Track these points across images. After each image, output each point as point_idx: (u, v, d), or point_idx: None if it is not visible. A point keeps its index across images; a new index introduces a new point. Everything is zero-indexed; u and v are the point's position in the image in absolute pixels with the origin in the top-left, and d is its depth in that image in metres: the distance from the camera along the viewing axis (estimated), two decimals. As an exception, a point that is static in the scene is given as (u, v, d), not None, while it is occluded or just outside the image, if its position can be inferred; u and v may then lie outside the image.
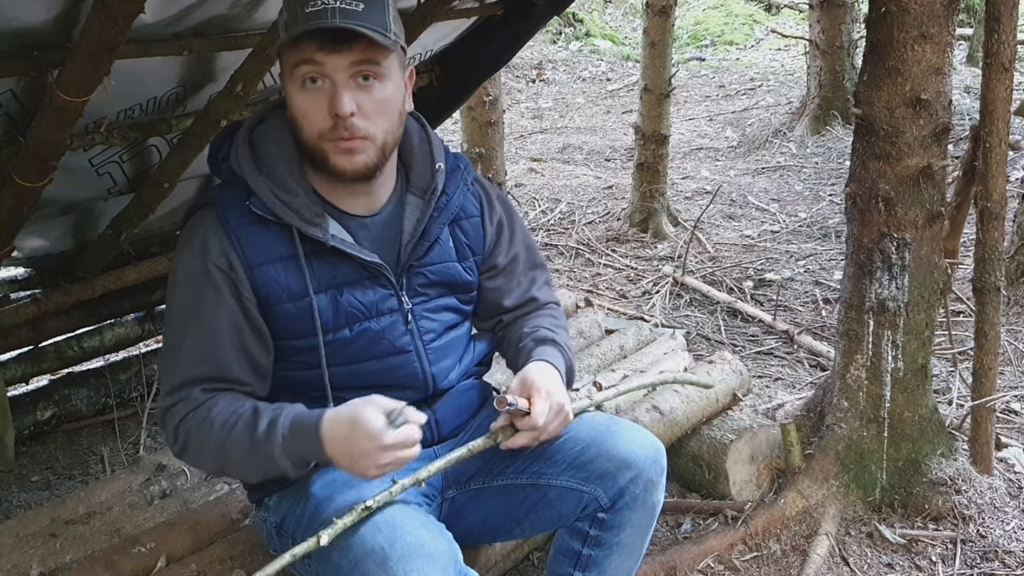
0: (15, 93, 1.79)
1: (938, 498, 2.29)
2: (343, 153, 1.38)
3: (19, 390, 3.01)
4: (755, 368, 3.42)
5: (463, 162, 1.61)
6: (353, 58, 1.33)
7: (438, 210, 1.53)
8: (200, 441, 1.39)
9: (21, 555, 1.71)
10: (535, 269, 1.72)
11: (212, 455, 1.41)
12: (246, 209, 1.41)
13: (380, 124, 1.39)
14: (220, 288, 1.40)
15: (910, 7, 2.11)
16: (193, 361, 1.41)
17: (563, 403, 1.47)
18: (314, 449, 1.34)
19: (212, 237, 1.41)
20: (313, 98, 1.35)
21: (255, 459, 1.37)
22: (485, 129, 4.66)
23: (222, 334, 1.41)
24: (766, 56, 10.96)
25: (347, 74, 1.34)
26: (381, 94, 1.37)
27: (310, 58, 1.32)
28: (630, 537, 1.56)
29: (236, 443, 1.36)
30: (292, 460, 1.36)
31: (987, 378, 2.38)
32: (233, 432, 1.36)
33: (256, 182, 1.42)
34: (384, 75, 1.37)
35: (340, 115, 1.34)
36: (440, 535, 1.35)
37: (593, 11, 12.73)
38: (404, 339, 1.51)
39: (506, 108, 5.58)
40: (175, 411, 1.41)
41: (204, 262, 1.40)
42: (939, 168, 2.23)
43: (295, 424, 1.35)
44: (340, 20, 1.29)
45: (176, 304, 1.45)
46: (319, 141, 1.38)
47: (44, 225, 2.47)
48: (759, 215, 5.51)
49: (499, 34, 2.78)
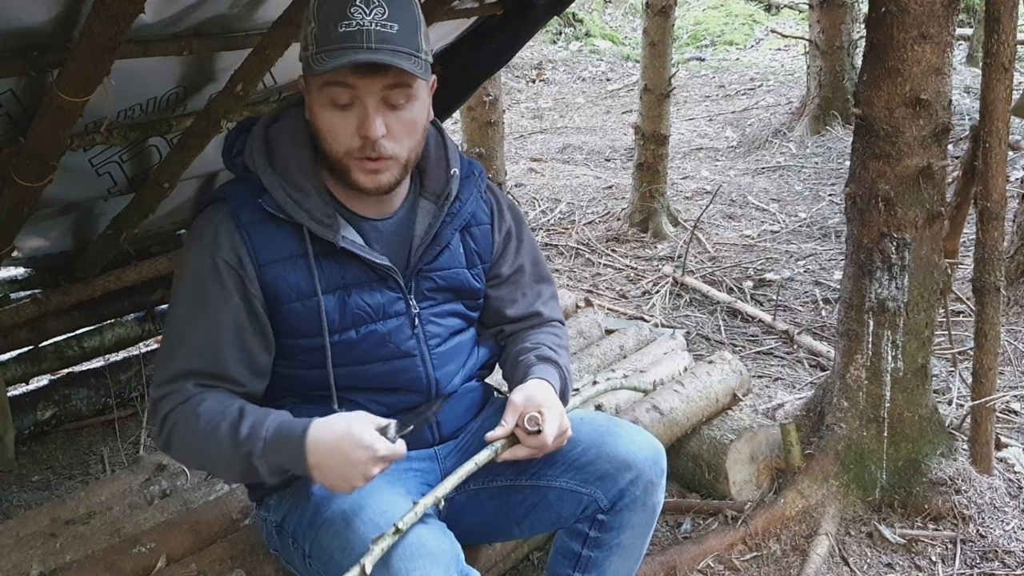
0: (15, 93, 1.79)
1: (938, 498, 2.29)
2: (368, 173, 1.38)
3: (19, 390, 3.01)
4: (755, 368, 3.42)
5: (477, 168, 1.61)
6: (387, 83, 1.33)
7: (450, 216, 1.53)
8: (184, 435, 1.38)
9: (21, 555, 1.71)
10: (541, 283, 1.71)
11: (195, 450, 1.40)
12: (258, 206, 1.41)
13: (406, 144, 1.39)
14: (227, 284, 1.40)
15: (910, 7, 2.11)
16: (191, 354, 1.41)
17: (568, 426, 1.49)
18: (295, 456, 1.33)
19: (223, 232, 1.41)
20: (342, 117, 1.35)
21: (235, 459, 1.35)
22: (485, 129, 4.66)
23: (224, 331, 1.40)
24: (766, 56, 10.96)
25: (378, 97, 1.33)
26: (409, 115, 1.38)
27: (343, 80, 1.32)
28: (630, 538, 1.56)
29: (218, 441, 1.35)
30: (270, 465, 1.34)
31: (987, 378, 2.38)
32: (217, 430, 1.35)
33: (269, 180, 1.42)
34: (414, 97, 1.37)
35: (370, 138, 1.34)
36: (442, 535, 1.35)
37: (593, 11, 12.73)
38: (410, 343, 1.51)
39: (506, 108, 5.59)
40: (165, 402, 1.40)
41: (213, 257, 1.40)
42: (939, 168, 2.23)
43: (280, 429, 1.34)
44: (376, 44, 1.28)
45: (181, 297, 1.44)
46: (344, 158, 1.38)
47: (44, 225, 2.48)
48: (759, 215, 5.51)
49: (499, 34, 2.78)
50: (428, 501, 1.35)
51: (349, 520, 1.36)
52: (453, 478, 1.40)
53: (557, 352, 1.62)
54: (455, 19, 2.63)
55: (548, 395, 1.48)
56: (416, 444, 1.57)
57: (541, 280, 1.71)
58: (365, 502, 1.38)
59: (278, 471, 1.36)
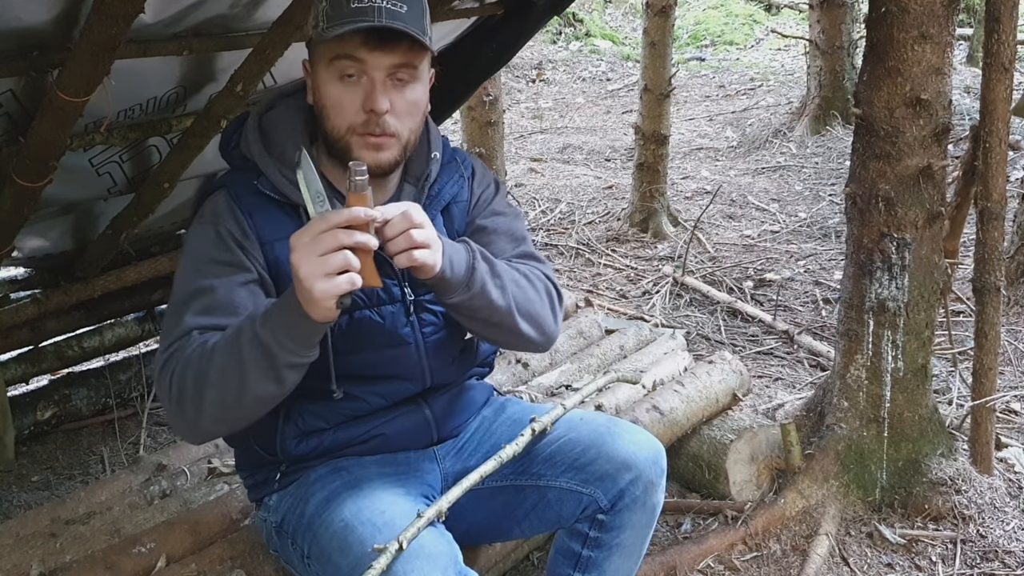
0: (15, 93, 1.79)
1: (938, 498, 2.29)
2: (370, 148, 1.38)
3: (19, 390, 3.01)
4: (755, 368, 3.42)
5: (461, 156, 1.61)
6: (395, 59, 1.34)
7: (430, 198, 1.53)
8: (187, 365, 1.28)
9: (21, 555, 1.71)
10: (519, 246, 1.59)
11: (198, 374, 1.27)
12: (255, 189, 1.42)
13: (407, 123, 1.40)
14: (234, 251, 1.39)
15: (910, 7, 2.11)
16: (200, 313, 1.34)
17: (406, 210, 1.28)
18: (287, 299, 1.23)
19: (225, 212, 1.41)
20: (348, 91, 1.36)
21: (239, 350, 1.24)
22: (485, 129, 4.66)
23: (234, 291, 1.36)
24: (766, 56, 10.96)
25: (386, 73, 1.35)
26: (413, 95, 1.39)
27: (353, 54, 1.33)
28: (630, 538, 1.56)
29: (224, 348, 1.26)
30: (272, 330, 1.23)
31: (987, 378, 2.38)
32: (223, 340, 1.27)
33: (265, 163, 1.43)
34: (418, 77, 1.39)
35: (376, 111, 1.35)
36: (440, 536, 1.35)
37: (593, 11, 12.73)
38: (405, 330, 1.50)
39: (506, 108, 5.59)
40: (170, 360, 1.31)
41: (216, 228, 1.40)
42: (939, 168, 2.23)
43: (275, 301, 1.28)
44: (387, 20, 1.30)
45: (186, 269, 1.40)
46: (347, 134, 1.38)
47: (44, 225, 2.47)
48: (759, 215, 5.51)
49: (499, 34, 2.78)
50: (431, 513, 1.34)
51: (347, 521, 1.36)
52: (456, 490, 1.40)
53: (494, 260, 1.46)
54: (455, 19, 2.63)
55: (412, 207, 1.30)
56: (415, 444, 1.57)
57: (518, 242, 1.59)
58: (364, 504, 1.38)
59: (285, 330, 1.24)
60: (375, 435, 1.52)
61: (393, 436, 1.54)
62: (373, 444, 1.53)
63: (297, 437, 1.50)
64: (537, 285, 1.52)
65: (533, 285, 1.51)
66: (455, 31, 2.75)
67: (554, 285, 1.58)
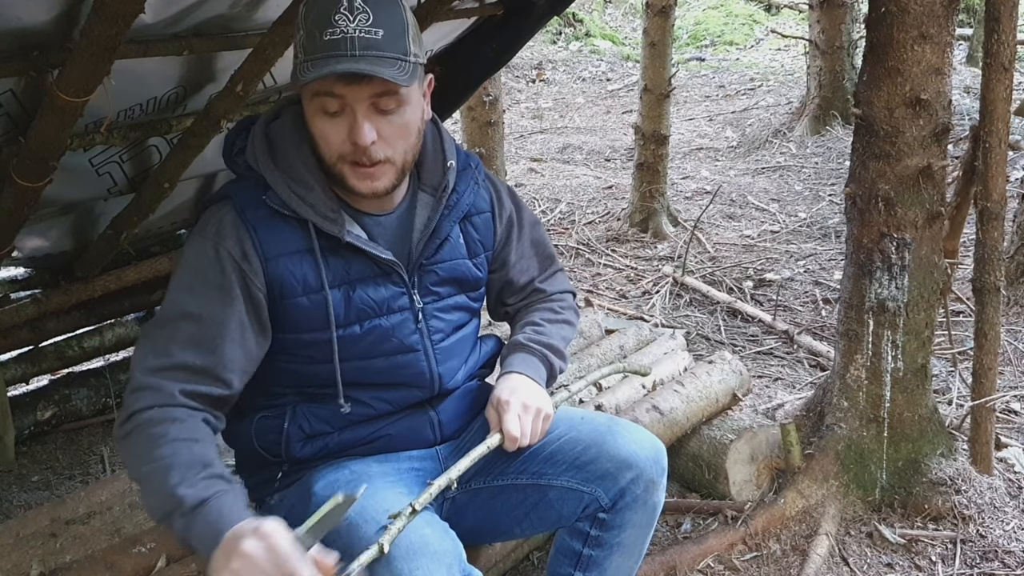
0: (15, 93, 1.79)
1: (938, 498, 2.29)
2: (363, 177, 1.39)
3: (19, 390, 3.01)
4: (755, 368, 3.42)
5: (474, 160, 1.61)
6: (373, 90, 1.32)
7: (448, 208, 1.53)
8: (141, 444, 1.29)
9: (21, 555, 1.71)
10: (544, 261, 1.74)
11: (141, 462, 1.28)
12: (262, 203, 1.41)
13: (400, 147, 1.39)
14: (229, 276, 1.37)
15: (910, 7, 2.11)
16: (187, 346, 1.33)
17: (532, 405, 1.50)
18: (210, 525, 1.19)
19: (229, 227, 1.40)
20: (332, 125, 1.35)
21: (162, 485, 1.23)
22: (485, 129, 4.66)
23: (225, 327, 1.36)
24: (766, 56, 10.97)
25: (367, 104, 1.33)
26: (401, 120, 1.37)
27: (331, 91, 1.32)
28: (630, 537, 1.56)
29: (164, 472, 1.24)
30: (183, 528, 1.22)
31: (987, 378, 2.38)
32: (163, 463, 1.25)
33: (272, 177, 1.42)
34: (404, 102, 1.36)
35: (360, 145, 1.34)
36: (444, 534, 1.35)
37: (593, 11, 12.74)
38: (413, 337, 1.51)
39: (506, 108, 5.59)
40: (143, 396, 1.32)
41: (216, 247, 1.38)
42: (939, 168, 2.23)
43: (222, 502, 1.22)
44: (360, 51, 1.28)
45: (179, 286, 1.39)
46: (338, 163, 1.38)
47: (44, 225, 2.47)
48: (759, 215, 5.51)
49: (499, 34, 2.78)
50: (441, 482, 1.35)
51: (351, 520, 1.36)
52: (466, 460, 1.41)
53: (542, 328, 1.65)
54: (455, 19, 2.63)
55: (506, 391, 1.52)
56: (418, 444, 1.57)
57: (544, 258, 1.74)
58: (366, 503, 1.38)
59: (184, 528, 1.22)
60: (380, 436, 1.53)
61: (397, 436, 1.54)
62: (377, 444, 1.53)
63: (302, 440, 1.50)
64: (568, 316, 1.72)
65: (569, 322, 1.71)
66: (455, 31, 2.76)
67: (572, 294, 1.78)
